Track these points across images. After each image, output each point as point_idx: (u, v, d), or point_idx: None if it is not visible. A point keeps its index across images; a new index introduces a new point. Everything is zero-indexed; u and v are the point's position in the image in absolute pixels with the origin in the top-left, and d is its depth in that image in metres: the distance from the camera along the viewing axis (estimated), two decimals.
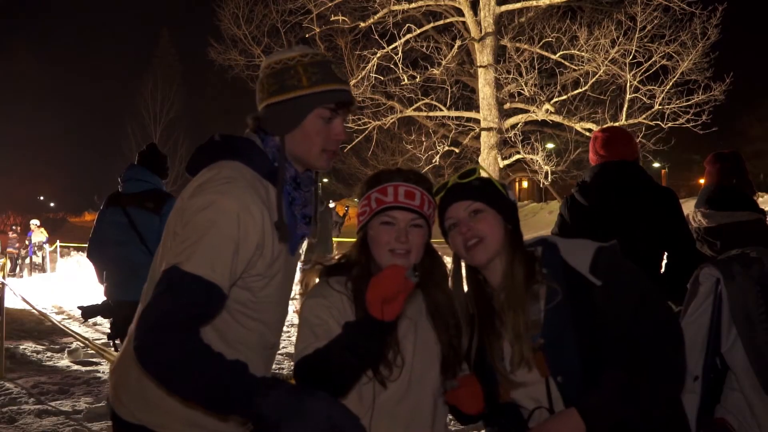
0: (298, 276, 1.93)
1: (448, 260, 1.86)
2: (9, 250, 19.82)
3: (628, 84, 19.92)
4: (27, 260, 20.11)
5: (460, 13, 22.73)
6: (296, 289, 1.93)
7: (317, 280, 1.78)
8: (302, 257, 1.66)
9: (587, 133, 20.47)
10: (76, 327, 8.43)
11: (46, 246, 19.97)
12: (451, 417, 1.82)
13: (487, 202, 1.75)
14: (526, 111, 22.43)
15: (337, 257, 1.84)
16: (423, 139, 23.47)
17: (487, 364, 1.76)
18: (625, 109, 20.27)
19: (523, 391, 1.71)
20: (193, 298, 1.44)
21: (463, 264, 1.82)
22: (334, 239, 19.30)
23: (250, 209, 1.52)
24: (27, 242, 20.09)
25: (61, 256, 20.84)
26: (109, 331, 4.27)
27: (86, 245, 4.34)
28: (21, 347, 7.18)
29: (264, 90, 1.65)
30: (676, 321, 1.70)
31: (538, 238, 1.83)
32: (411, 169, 1.83)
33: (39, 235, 20.15)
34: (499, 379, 1.73)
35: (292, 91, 1.59)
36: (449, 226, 1.78)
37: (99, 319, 4.29)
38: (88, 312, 3.99)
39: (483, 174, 1.81)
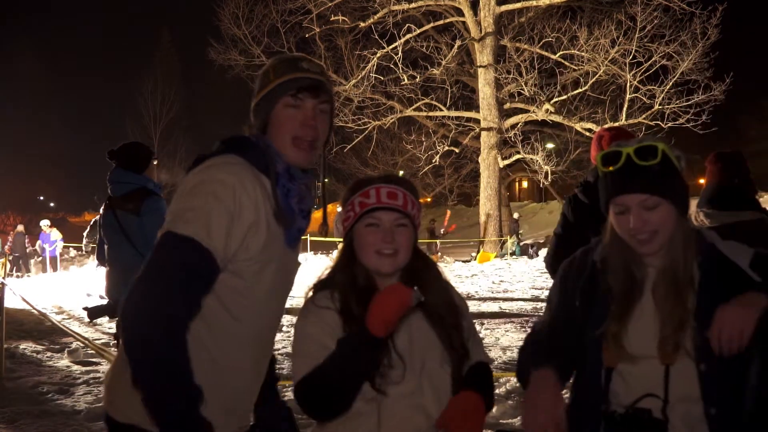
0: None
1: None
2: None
3: (628, 84, 19.92)
4: (33, 260, 20.18)
5: (460, 13, 22.71)
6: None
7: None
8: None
9: (587, 133, 20.46)
10: (76, 327, 8.39)
11: (47, 246, 19.98)
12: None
13: (665, 195, 1.56)
14: (526, 111, 22.43)
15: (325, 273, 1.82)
16: (423, 139, 23.45)
17: (591, 335, 1.64)
18: (625, 109, 20.28)
19: (633, 370, 1.61)
20: (187, 258, 1.48)
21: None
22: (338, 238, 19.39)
23: (245, 184, 1.57)
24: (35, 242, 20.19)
25: (61, 256, 20.83)
26: (109, 331, 4.30)
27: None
28: (21, 347, 7.16)
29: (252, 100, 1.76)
30: None
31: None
32: (390, 173, 1.83)
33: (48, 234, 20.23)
34: (607, 352, 1.62)
35: (263, 89, 1.71)
36: (618, 211, 1.62)
37: (100, 319, 4.32)
38: (93, 312, 4.07)
39: (663, 149, 1.58)
